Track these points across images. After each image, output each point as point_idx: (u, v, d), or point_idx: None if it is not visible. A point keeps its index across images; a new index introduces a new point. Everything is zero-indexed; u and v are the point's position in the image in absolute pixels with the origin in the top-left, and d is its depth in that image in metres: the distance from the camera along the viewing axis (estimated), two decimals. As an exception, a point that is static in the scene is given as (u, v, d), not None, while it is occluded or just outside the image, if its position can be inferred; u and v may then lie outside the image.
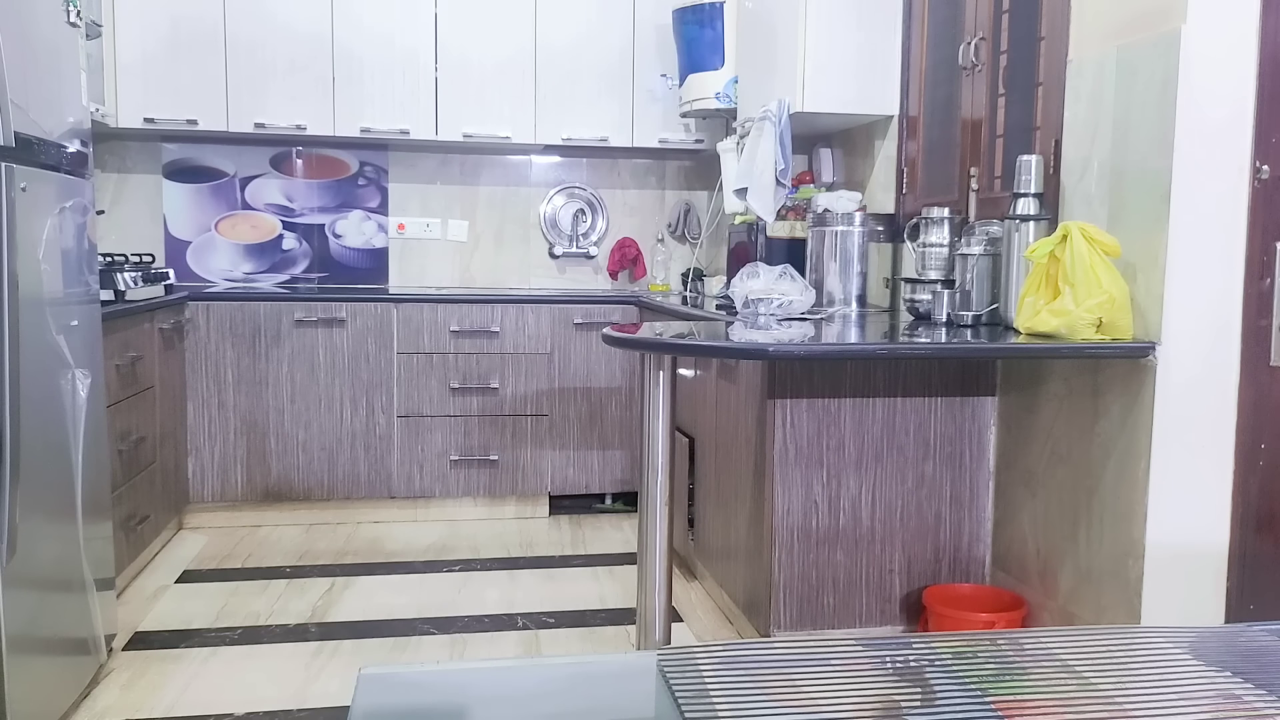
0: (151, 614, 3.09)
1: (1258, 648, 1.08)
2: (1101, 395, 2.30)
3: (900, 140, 3.38)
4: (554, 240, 4.74)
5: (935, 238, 2.83)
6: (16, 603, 2.13)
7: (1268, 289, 2.11)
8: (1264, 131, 2.09)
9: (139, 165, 4.43)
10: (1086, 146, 2.36)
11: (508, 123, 4.30)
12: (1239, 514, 2.18)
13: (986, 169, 2.85)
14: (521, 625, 3.08)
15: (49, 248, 2.31)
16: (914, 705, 0.93)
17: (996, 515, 2.72)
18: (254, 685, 2.62)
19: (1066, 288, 2.18)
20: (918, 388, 2.67)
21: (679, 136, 4.45)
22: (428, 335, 4.10)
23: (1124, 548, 2.23)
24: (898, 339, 2.47)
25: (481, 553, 3.78)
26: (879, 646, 1.07)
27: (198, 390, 3.95)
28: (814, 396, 2.62)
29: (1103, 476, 2.30)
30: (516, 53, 4.30)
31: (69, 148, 2.51)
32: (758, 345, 2.34)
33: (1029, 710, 0.92)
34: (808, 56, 3.31)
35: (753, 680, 0.97)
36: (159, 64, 4.07)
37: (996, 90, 2.81)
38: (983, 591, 2.67)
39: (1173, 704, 0.92)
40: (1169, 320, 2.12)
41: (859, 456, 2.65)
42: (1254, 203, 2.11)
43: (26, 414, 2.16)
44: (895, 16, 3.34)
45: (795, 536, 2.64)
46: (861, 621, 2.70)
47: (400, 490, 4.13)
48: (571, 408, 4.23)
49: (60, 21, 2.47)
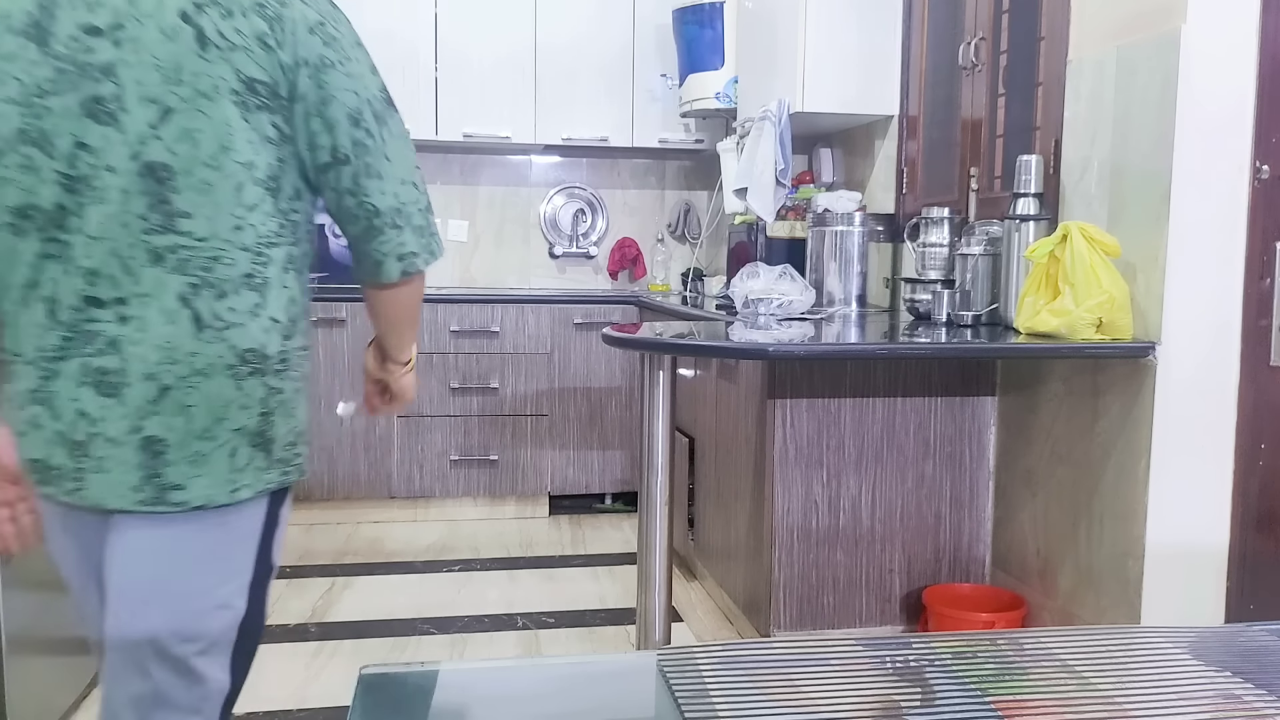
0: (151, 614, 3.09)
1: (1258, 648, 1.08)
2: (1101, 395, 2.30)
3: (900, 140, 3.38)
4: (554, 240, 4.74)
5: (935, 238, 2.83)
6: (16, 603, 2.13)
7: (1268, 289, 2.11)
8: (1264, 131, 2.09)
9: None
10: (1086, 146, 2.36)
11: (508, 122, 4.30)
12: (1239, 514, 2.18)
13: (986, 169, 2.85)
14: (521, 625, 3.08)
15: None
16: (914, 705, 0.93)
17: (996, 515, 2.72)
18: (254, 685, 2.60)
19: (1066, 288, 2.18)
20: (918, 388, 2.67)
21: (679, 136, 4.45)
22: (427, 335, 4.10)
23: (1124, 548, 2.23)
24: (898, 339, 2.47)
25: (481, 553, 3.78)
26: (879, 646, 1.07)
27: (198, 390, 3.95)
28: (814, 396, 2.62)
29: (1103, 476, 2.30)
30: (516, 52, 4.31)
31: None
32: (758, 345, 2.34)
33: (1029, 710, 0.92)
34: (808, 56, 3.31)
35: (752, 680, 0.97)
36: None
37: (996, 90, 2.81)
38: (983, 591, 2.67)
39: (1173, 704, 0.92)
40: (1169, 320, 2.12)
41: (859, 456, 2.65)
42: (1254, 203, 2.11)
43: (26, 414, 2.16)
44: (895, 16, 3.34)
45: (795, 536, 2.64)
46: (861, 621, 2.70)
47: (400, 490, 4.13)
48: (571, 408, 4.23)
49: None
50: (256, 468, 1.31)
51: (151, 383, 1.24)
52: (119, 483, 1.25)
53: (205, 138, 1.22)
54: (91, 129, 1.21)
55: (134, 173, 1.21)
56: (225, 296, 1.25)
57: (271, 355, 1.30)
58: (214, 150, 1.22)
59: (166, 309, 1.24)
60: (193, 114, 1.21)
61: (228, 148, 1.22)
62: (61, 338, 1.24)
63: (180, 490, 1.26)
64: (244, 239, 1.26)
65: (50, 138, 1.21)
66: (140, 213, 1.22)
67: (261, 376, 1.30)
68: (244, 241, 1.26)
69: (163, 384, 1.24)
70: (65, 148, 1.21)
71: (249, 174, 1.24)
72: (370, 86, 1.32)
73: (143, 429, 1.25)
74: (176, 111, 1.21)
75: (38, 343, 1.26)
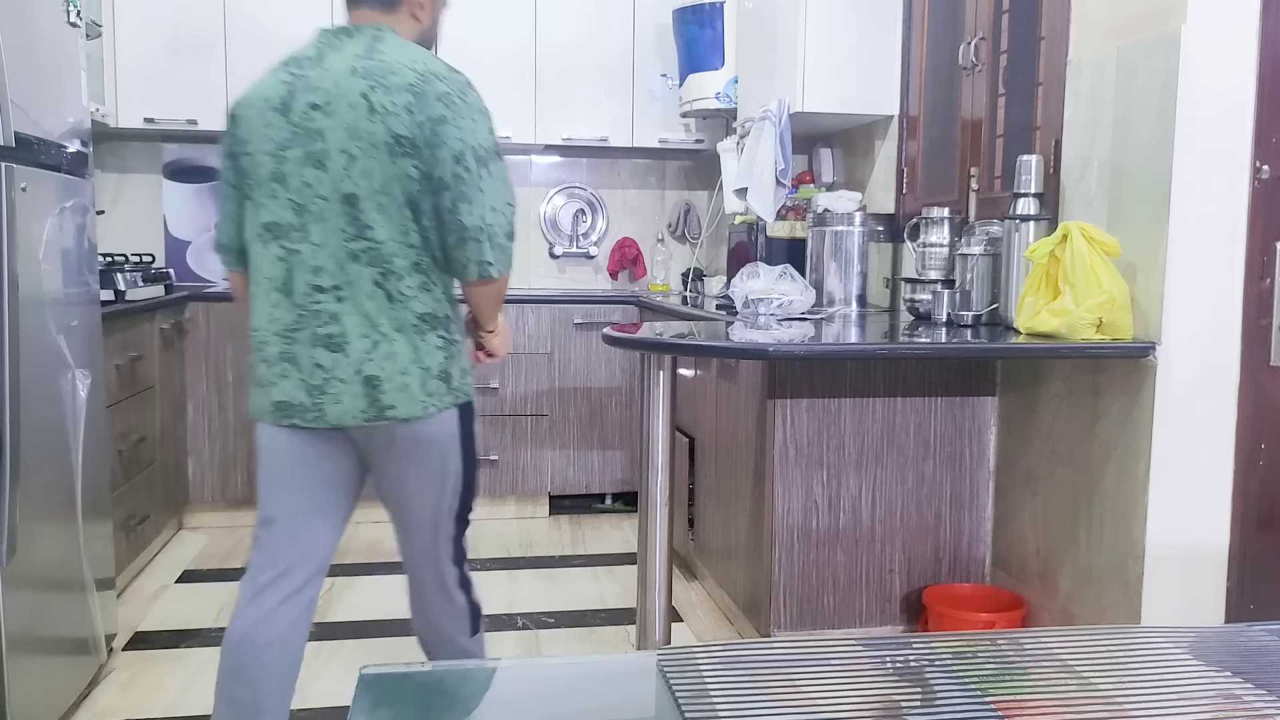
0: (152, 614, 3.09)
1: (1258, 648, 1.08)
2: (1101, 395, 2.30)
3: (900, 140, 3.38)
4: (554, 240, 4.74)
5: (935, 238, 2.83)
6: (16, 603, 2.13)
7: (1268, 289, 2.11)
8: (1264, 131, 2.09)
9: (139, 165, 4.43)
10: (1086, 146, 2.36)
11: (508, 122, 4.30)
12: (1239, 514, 2.18)
13: (986, 169, 2.85)
14: (521, 625, 3.08)
15: (49, 248, 2.31)
16: (914, 705, 0.93)
17: (996, 515, 2.73)
18: (254, 685, 2.62)
19: (1066, 288, 2.18)
20: (918, 388, 2.67)
21: (679, 136, 4.45)
22: (428, 335, 4.09)
23: (1124, 548, 2.23)
24: (898, 339, 2.47)
25: (481, 552, 3.78)
26: (879, 646, 1.07)
27: (198, 390, 3.95)
28: (814, 396, 2.62)
29: (1103, 476, 2.30)
30: (516, 52, 4.31)
31: (69, 148, 2.51)
32: (758, 345, 2.34)
33: (1029, 710, 0.92)
34: (808, 56, 3.31)
35: (752, 680, 0.97)
36: (159, 64, 4.07)
37: (996, 90, 2.81)
38: (983, 591, 2.67)
39: (1173, 704, 0.92)
40: (1169, 320, 2.12)
41: (859, 456, 2.65)
42: (1254, 203, 2.11)
43: (26, 414, 2.16)
44: (895, 16, 3.34)
45: (795, 536, 2.64)
46: (861, 621, 2.70)
47: (400, 490, 4.13)
48: (571, 408, 4.23)
49: (60, 21, 2.47)
50: (440, 393, 1.86)
51: (366, 340, 1.80)
52: (351, 408, 1.82)
53: (376, 175, 1.77)
54: (310, 172, 1.79)
55: (337, 200, 1.79)
56: (402, 279, 1.81)
57: (440, 316, 1.86)
58: (382, 183, 1.78)
59: (367, 290, 1.80)
60: (367, 159, 1.77)
61: (389, 181, 1.78)
62: (297, 315, 1.82)
63: (393, 409, 1.82)
64: (408, 240, 1.81)
65: (286, 178, 1.81)
66: (342, 227, 1.79)
67: (435, 331, 1.85)
68: (409, 241, 1.81)
69: (373, 340, 1.80)
70: (296, 184, 1.81)
71: (404, 198, 1.79)
72: (477, 138, 1.82)
73: (363, 371, 1.81)
74: (358, 158, 1.77)
75: (279, 319, 1.83)
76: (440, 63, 1.86)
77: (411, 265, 1.82)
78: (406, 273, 1.81)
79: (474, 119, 1.82)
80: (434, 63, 1.85)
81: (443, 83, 1.81)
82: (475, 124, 1.82)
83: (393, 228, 1.79)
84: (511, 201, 1.87)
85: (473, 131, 1.81)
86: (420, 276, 1.83)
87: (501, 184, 1.84)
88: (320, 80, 1.82)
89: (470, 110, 1.82)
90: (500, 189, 1.84)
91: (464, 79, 1.86)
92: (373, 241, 1.79)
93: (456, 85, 1.83)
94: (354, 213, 1.78)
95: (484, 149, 1.82)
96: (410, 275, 1.81)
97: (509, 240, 1.87)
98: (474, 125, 1.82)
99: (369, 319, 1.80)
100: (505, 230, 1.85)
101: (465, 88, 1.84)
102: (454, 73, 1.86)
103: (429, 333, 1.84)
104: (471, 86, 1.86)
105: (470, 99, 1.84)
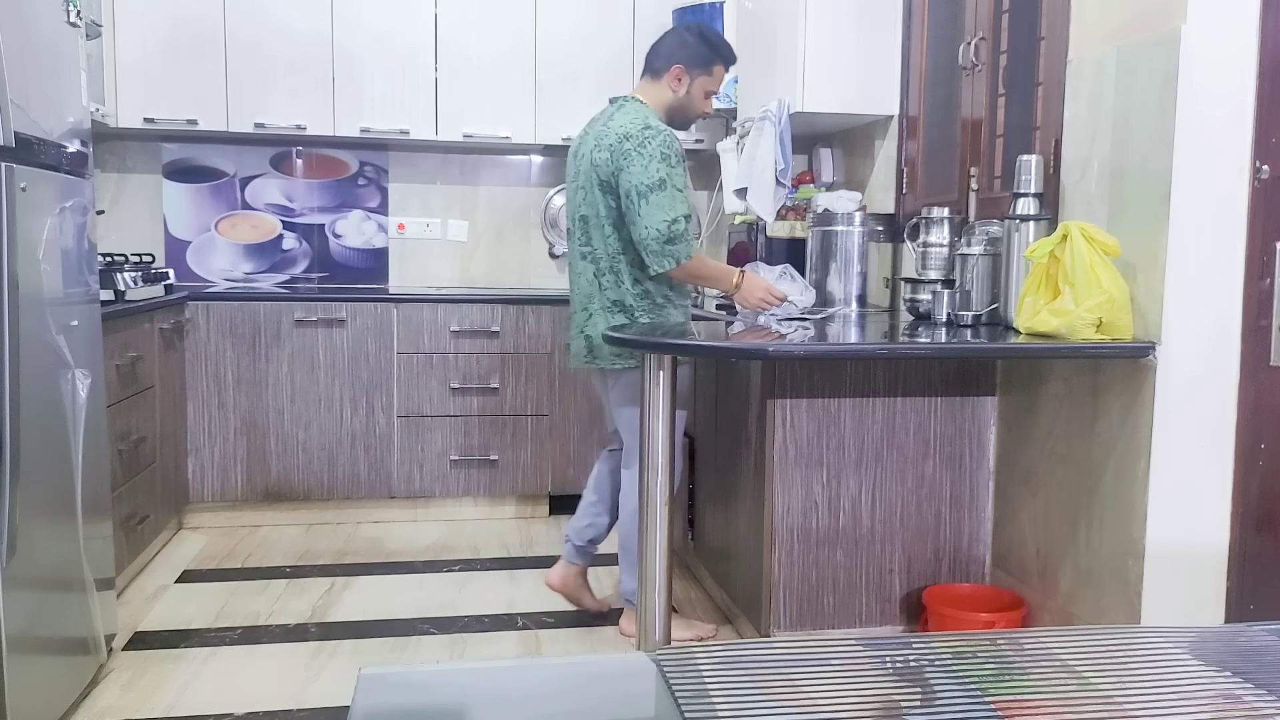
0: (151, 614, 3.09)
1: (1258, 648, 1.08)
2: (1101, 395, 2.30)
3: (900, 140, 3.38)
4: (554, 240, 4.73)
5: (935, 238, 2.83)
6: (16, 603, 2.13)
7: (1268, 289, 2.11)
8: (1264, 131, 2.09)
9: (139, 165, 4.43)
10: (1086, 146, 2.36)
11: (508, 122, 4.30)
12: (1239, 514, 2.18)
13: (986, 169, 2.85)
14: (521, 625, 3.08)
15: (49, 248, 2.31)
16: (914, 705, 0.93)
17: (996, 515, 2.73)
18: (254, 685, 2.62)
19: (1066, 288, 2.18)
20: (918, 388, 2.67)
21: (679, 136, 4.44)
22: (428, 335, 4.10)
23: (1124, 548, 2.23)
24: (898, 339, 2.47)
25: (481, 553, 3.78)
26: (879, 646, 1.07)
27: (198, 390, 3.95)
28: (814, 396, 2.62)
29: (1103, 476, 2.30)
30: (516, 52, 4.30)
31: (69, 148, 2.51)
32: (758, 345, 2.34)
33: (1029, 710, 0.92)
34: (808, 56, 3.31)
35: (752, 680, 0.97)
36: (159, 64, 4.07)
37: (996, 90, 2.81)
38: (983, 591, 2.67)
39: (1173, 704, 0.92)
40: (1169, 320, 2.12)
41: (859, 456, 2.65)
42: (1254, 203, 2.11)
43: (26, 414, 2.16)
44: (895, 16, 3.34)
45: (795, 536, 2.64)
46: (861, 621, 2.70)
47: (400, 490, 4.13)
48: (571, 408, 4.23)
49: (60, 21, 2.47)
50: (625, 355, 2.75)
51: (584, 313, 2.84)
52: (577, 356, 2.88)
53: (597, 204, 2.76)
54: (573, 201, 2.86)
55: (578, 220, 2.84)
56: (605, 275, 2.78)
57: (627, 303, 2.77)
58: (600, 210, 2.75)
59: (589, 279, 2.82)
60: (590, 193, 2.77)
61: (601, 208, 2.75)
62: (585, 294, 2.84)
63: (600, 360, 2.81)
64: (611, 248, 2.76)
65: (571, 205, 2.88)
66: (579, 238, 2.84)
67: (622, 313, 2.77)
68: (612, 249, 2.76)
69: (589, 312, 2.82)
70: (572, 210, 2.88)
71: (610, 220, 2.75)
72: (641, 177, 2.64)
73: (585, 331, 2.83)
74: (587, 192, 2.78)
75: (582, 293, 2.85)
76: (642, 124, 2.68)
77: (611, 267, 2.76)
78: (610, 270, 2.76)
79: (644, 164, 2.63)
80: (636, 125, 2.68)
81: (629, 141, 2.66)
82: (644, 168, 2.63)
83: (604, 240, 2.75)
84: (667, 218, 2.62)
85: (641, 174, 2.63)
86: (615, 276, 2.76)
87: (657, 209, 2.63)
88: (584, 138, 2.85)
89: (641, 158, 2.64)
90: (656, 213, 2.63)
91: (650, 134, 2.66)
92: (591, 249, 2.79)
93: (637, 141, 2.65)
94: (585, 230, 2.80)
95: (645, 185, 2.63)
96: (611, 272, 2.76)
97: (664, 245, 2.64)
98: (643, 169, 2.63)
99: (586, 299, 2.81)
100: (660, 239, 2.63)
101: (645, 141, 2.65)
102: (646, 130, 2.66)
103: (619, 314, 2.76)
104: (652, 138, 2.65)
105: (648, 149, 2.64)
